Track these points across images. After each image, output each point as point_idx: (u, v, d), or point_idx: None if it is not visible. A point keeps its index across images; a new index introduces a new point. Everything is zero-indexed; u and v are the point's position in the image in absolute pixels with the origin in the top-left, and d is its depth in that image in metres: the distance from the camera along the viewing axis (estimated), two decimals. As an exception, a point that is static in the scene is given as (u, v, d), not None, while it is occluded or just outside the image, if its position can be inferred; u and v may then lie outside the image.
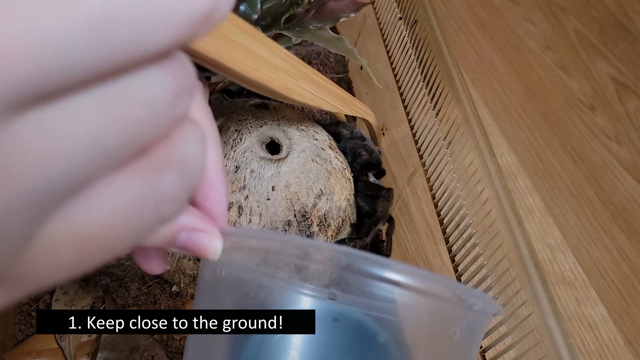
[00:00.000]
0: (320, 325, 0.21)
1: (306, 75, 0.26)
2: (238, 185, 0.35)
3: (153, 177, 0.13)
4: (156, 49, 0.11)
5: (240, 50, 0.18)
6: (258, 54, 0.20)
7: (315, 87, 0.28)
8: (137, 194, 0.13)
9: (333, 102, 0.33)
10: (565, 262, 0.51)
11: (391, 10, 0.44)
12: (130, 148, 0.12)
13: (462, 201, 0.33)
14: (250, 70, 0.19)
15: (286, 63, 0.23)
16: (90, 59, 0.10)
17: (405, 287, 0.19)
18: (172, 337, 0.37)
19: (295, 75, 0.24)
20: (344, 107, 0.35)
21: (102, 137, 0.11)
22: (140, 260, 0.22)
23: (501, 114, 0.64)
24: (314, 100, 0.28)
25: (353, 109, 0.37)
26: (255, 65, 0.20)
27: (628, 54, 0.74)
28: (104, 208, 0.12)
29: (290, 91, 0.24)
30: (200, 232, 0.19)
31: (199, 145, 0.15)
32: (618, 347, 0.46)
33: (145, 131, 0.12)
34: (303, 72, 0.25)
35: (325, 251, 0.19)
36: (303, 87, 0.26)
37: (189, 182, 0.14)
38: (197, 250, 0.19)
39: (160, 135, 0.13)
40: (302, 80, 0.25)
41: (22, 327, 0.36)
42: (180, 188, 0.14)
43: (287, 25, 0.36)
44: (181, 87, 0.13)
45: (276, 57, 0.22)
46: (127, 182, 0.12)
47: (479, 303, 0.21)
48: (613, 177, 0.59)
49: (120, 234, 0.13)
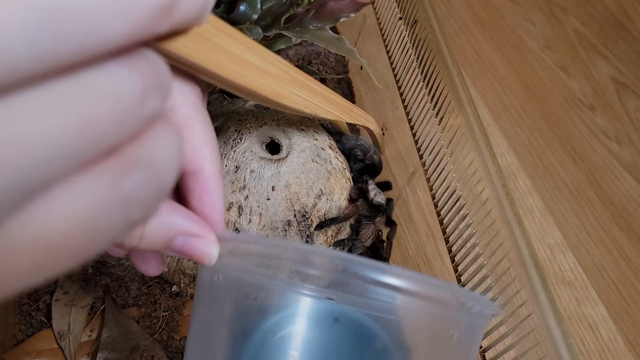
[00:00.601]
0: (320, 325, 0.21)
1: (299, 80, 0.25)
2: (238, 185, 0.35)
3: (118, 179, 0.12)
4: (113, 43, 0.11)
5: (225, 55, 0.18)
6: (245, 59, 0.19)
7: (309, 93, 0.27)
8: (101, 197, 0.12)
9: (330, 109, 0.31)
10: (565, 262, 0.51)
11: (391, 10, 0.44)
12: (94, 148, 0.11)
13: (462, 201, 0.33)
14: (237, 75, 0.19)
15: (276, 68, 0.22)
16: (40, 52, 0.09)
17: (403, 292, 0.19)
18: (172, 337, 0.37)
19: (286, 80, 0.23)
20: (343, 114, 0.34)
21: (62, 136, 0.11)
22: (137, 262, 0.22)
23: (501, 114, 0.64)
24: (309, 107, 0.27)
25: (352, 116, 0.36)
26: (242, 70, 0.19)
27: (628, 54, 0.74)
28: (65, 211, 0.11)
29: (282, 97, 0.23)
30: (196, 237, 0.19)
31: (172, 148, 0.14)
32: (618, 347, 0.46)
33: (110, 131, 0.12)
34: (295, 77, 0.25)
35: (324, 257, 0.19)
36: (296, 93, 0.25)
37: (159, 185, 0.14)
38: (193, 255, 0.19)
39: (128, 136, 0.13)
40: (294, 86, 0.24)
41: (22, 327, 0.36)
42: (149, 191, 0.13)
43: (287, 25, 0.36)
44: (149, 85, 0.12)
45: (265, 62, 0.21)
46: (91, 184, 0.12)
47: (477, 305, 0.21)
48: (613, 177, 0.59)
49: (84, 238, 0.12)
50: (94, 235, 0.12)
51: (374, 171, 0.44)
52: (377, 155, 0.44)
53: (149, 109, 0.13)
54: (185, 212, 0.19)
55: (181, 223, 0.18)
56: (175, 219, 0.18)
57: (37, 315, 0.37)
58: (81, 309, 0.37)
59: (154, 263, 0.22)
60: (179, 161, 0.15)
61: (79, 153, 0.11)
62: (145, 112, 0.13)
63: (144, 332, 0.36)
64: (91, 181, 0.12)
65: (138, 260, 0.22)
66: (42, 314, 0.37)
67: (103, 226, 0.12)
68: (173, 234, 0.18)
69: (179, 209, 0.19)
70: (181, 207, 0.19)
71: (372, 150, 0.43)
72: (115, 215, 0.13)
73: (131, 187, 0.13)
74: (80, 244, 0.12)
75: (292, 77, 0.24)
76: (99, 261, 0.39)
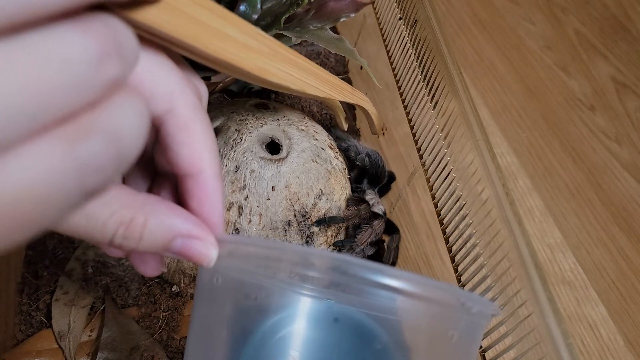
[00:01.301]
0: (320, 325, 0.21)
1: (284, 56, 0.24)
2: (238, 185, 0.35)
3: (73, 145, 0.12)
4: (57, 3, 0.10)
5: (201, 27, 0.17)
6: (223, 32, 0.19)
7: (296, 69, 0.26)
8: (54, 163, 0.12)
9: (320, 86, 0.30)
10: (565, 262, 0.51)
11: (391, 10, 0.44)
12: (45, 113, 0.11)
13: (462, 201, 0.33)
14: (215, 49, 0.18)
15: (258, 42, 0.21)
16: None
17: (403, 293, 0.19)
18: (172, 337, 0.37)
19: (270, 55, 0.22)
20: (333, 92, 0.33)
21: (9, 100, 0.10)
22: (137, 263, 0.22)
23: (501, 114, 0.64)
24: (296, 83, 0.26)
25: (344, 95, 0.35)
26: (220, 43, 0.19)
27: (628, 54, 0.74)
28: (16, 177, 0.11)
29: (266, 72, 0.22)
30: (195, 239, 0.19)
31: (135, 117, 0.14)
32: (618, 347, 0.46)
33: (62, 96, 0.11)
34: (280, 53, 0.24)
35: (323, 259, 0.19)
36: (281, 68, 0.24)
37: (119, 154, 0.13)
38: (192, 257, 0.19)
39: (85, 102, 0.12)
40: (279, 62, 0.23)
41: (22, 327, 0.36)
42: (107, 159, 0.13)
43: (287, 25, 0.36)
44: (105, 50, 0.12)
45: (245, 36, 0.20)
46: (44, 150, 0.12)
47: (477, 306, 0.21)
48: (613, 177, 0.59)
49: (37, 206, 0.12)
50: (48, 203, 0.12)
51: (374, 178, 0.42)
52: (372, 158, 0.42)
53: (106, 74, 0.12)
54: (185, 213, 0.19)
55: (180, 225, 0.18)
56: (174, 220, 0.18)
57: (37, 315, 0.37)
58: (81, 309, 0.37)
59: (153, 264, 0.22)
60: (142, 131, 0.14)
61: (28, 118, 0.11)
62: (103, 78, 0.12)
63: (144, 332, 0.36)
64: (44, 147, 0.12)
65: (137, 261, 0.22)
66: (42, 314, 0.37)
67: (58, 193, 0.12)
68: (172, 236, 0.18)
69: (178, 210, 0.19)
70: (180, 209, 0.19)
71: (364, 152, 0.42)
72: (70, 182, 0.12)
73: (87, 154, 0.12)
74: (35, 211, 0.12)
75: (277, 53, 0.23)
76: (99, 261, 0.39)
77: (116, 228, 0.16)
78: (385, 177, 0.42)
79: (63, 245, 0.40)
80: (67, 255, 0.39)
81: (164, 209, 0.18)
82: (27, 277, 0.38)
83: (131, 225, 0.17)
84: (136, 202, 0.17)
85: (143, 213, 0.17)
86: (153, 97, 0.17)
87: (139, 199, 0.17)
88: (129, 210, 0.17)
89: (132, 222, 0.17)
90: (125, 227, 0.17)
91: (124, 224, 0.17)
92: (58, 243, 0.40)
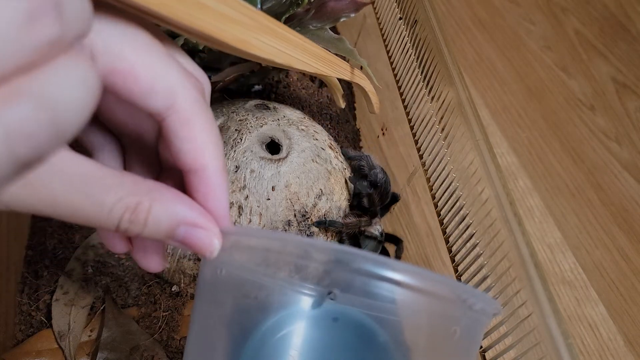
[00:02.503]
0: (320, 325, 0.21)
1: (268, 28, 0.22)
2: (238, 185, 0.35)
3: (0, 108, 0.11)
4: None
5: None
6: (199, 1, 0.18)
7: (282, 42, 0.24)
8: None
9: (309, 60, 0.28)
10: (565, 262, 0.51)
11: (391, 10, 0.44)
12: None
13: (462, 201, 0.33)
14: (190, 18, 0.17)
15: (239, 13, 0.20)
16: None
17: (405, 286, 0.19)
18: (172, 337, 0.37)
19: (252, 27, 0.21)
20: (325, 67, 0.31)
21: None
22: (139, 257, 0.22)
23: (501, 114, 0.64)
24: (282, 57, 0.24)
25: (337, 71, 0.33)
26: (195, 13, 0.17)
27: (628, 54, 0.74)
28: None
29: (247, 44, 0.21)
30: (199, 228, 0.19)
31: (77, 83, 0.13)
32: (618, 347, 0.46)
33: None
34: (264, 24, 0.22)
35: (325, 250, 0.19)
36: (264, 41, 0.22)
37: (53, 121, 0.13)
38: (195, 247, 0.19)
39: (13, 65, 0.11)
40: (262, 34, 0.22)
41: (22, 327, 0.36)
42: (39, 124, 0.12)
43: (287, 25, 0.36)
44: (38, 8, 0.11)
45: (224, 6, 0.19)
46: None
47: (479, 303, 0.21)
48: (613, 177, 0.59)
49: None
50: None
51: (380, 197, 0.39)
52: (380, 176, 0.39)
53: (39, 36, 0.12)
54: (190, 202, 0.19)
55: (185, 213, 0.18)
56: (179, 208, 0.18)
57: (37, 315, 0.37)
58: (81, 309, 0.37)
59: (155, 257, 0.22)
60: (85, 99, 0.13)
61: None
62: (34, 40, 0.11)
63: (144, 332, 0.36)
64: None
65: (139, 255, 0.22)
66: (42, 314, 0.37)
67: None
68: (176, 223, 0.18)
69: (184, 198, 0.19)
70: (185, 197, 0.19)
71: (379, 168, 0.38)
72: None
73: (14, 119, 0.12)
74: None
75: (260, 24, 0.22)
76: (99, 261, 0.39)
77: (122, 213, 0.17)
78: (388, 198, 0.40)
79: (63, 245, 0.40)
80: (67, 255, 0.39)
81: (170, 196, 0.18)
82: (27, 277, 0.38)
83: (137, 210, 0.17)
84: (142, 188, 0.17)
85: (149, 199, 0.17)
86: (153, 93, 0.17)
87: (145, 185, 0.17)
88: (135, 196, 0.17)
89: (138, 207, 0.17)
90: (131, 211, 0.17)
91: (130, 209, 0.17)
92: (58, 243, 0.40)
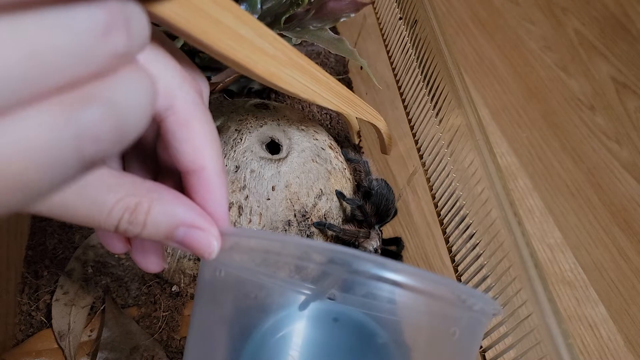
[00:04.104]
0: (320, 325, 0.21)
1: (299, 65, 0.24)
2: (238, 185, 0.35)
3: (72, 111, 0.12)
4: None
5: (215, 25, 0.17)
6: (238, 33, 0.19)
7: (310, 79, 0.26)
8: (53, 127, 0.12)
9: (331, 98, 0.31)
10: (565, 262, 0.51)
11: (391, 10, 0.44)
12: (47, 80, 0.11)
13: (462, 201, 0.33)
14: (227, 48, 0.18)
15: (273, 48, 0.21)
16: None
17: (404, 287, 0.19)
18: (172, 337, 0.37)
19: (284, 62, 0.23)
20: (345, 105, 0.33)
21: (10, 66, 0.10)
22: (138, 257, 0.22)
23: (501, 114, 0.64)
24: (307, 92, 0.26)
25: (357, 110, 0.35)
26: (234, 44, 0.19)
27: (628, 54, 0.74)
28: (13, 139, 0.11)
29: (277, 78, 0.22)
30: (198, 229, 0.19)
31: (139, 94, 0.14)
32: (618, 347, 0.46)
33: (65, 64, 0.11)
34: (295, 61, 0.24)
35: (324, 251, 0.19)
36: (293, 76, 0.24)
37: (118, 125, 0.13)
38: (194, 248, 0.19)
39: (88, 71, 0.12)
40: (293, 69, 0.24)
41: (22, 327, 0.36)
42: (105, 129, 0.13)
43: (287, 25, 0.36)
44: (112, 21, 0.12)
45: (261, 40, 0.20)
46: (43, 114, 0.12)
47: (479, 303, 0.21)
48: (613, 177, 0.59)
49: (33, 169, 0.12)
50: (45, 166, 0.12)
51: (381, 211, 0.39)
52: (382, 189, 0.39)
53: (111, 46, 0.12)
54: (189, 203, 0.19)
55: (184, 214, 0.18)
56: (178, 209, 0.18)
57: (37, 315, 0.37)
58: (81, 309, 0.37)
59: (154, 258, 0.22)
60: (145, 109, 0.14)
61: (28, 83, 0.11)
62: (107, 49, 0.12)
63: (144, 332, 0.36)
64: (43, 111, 0.12)
65: (138, 256, 0.22)
66: (42, 314, 0.37)
67: (55, 157, 0.12)
68: (175, 224, 0.18)
69: (183, 199, 0.19)
70: (185, 198, 0.19)
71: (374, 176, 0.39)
72: (67, 148, 0.12)
73: (85, 121, 0.12)
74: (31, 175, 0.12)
75: (292, 60, 0.23)
76: (99, 261, 0.39)
77: (121, 214, 0.17)
78: (391, 214, 0.40)
79: (63, 245, 0.40)
80: (67, 255, 0.39)
81: (169, 197, 0.18)
82: (27, 277, 0.38)
83: (136, 210, 0.17)
84: (142, 189, 0.17)
85: (148, 199, 0.17)
86: None
87: (145, 186, 0.18)
88: (134, 196, 0.17)
89: (137, 208, 0.17)
90: (130, 212, 0.17)
91: (129, 209, 0.17)
92: (58, 243, 0.40)
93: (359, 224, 0.38)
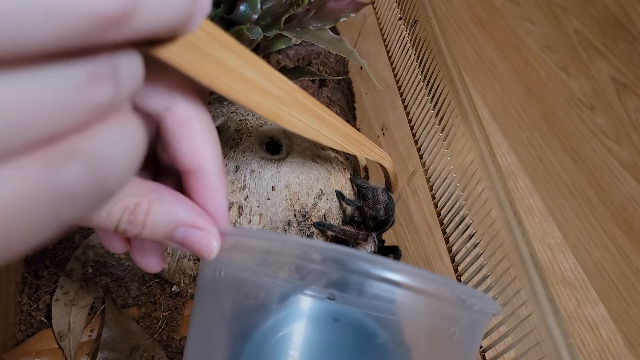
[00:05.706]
0: (320, 325, 0.21)
1: (304, 105, 0.24)
2: (238, 185, 0.35)
3: (50, 169, 0.11)
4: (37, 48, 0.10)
5: (217, 67, 0.17)
6: (240, 73, 0.18)
7: (315, 119, 0.25)
8: (28, 186, 0.11)
9: (337, 139, 0.29)
10: (565, 262, 0.51)
11: (391, 10, 0.44)
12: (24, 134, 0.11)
13: (462, 201, 0.33)
14: (229, 89, 0.18)
15: (278, 88, 0.21)
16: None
17: (404, 287, 0.19)
18: (172, 337, 0.37)
19: (288, 103, 0.22)
20: (352, 146, 0.32)
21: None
22: (137, 257, 0.22)
23: (501, 114, 0.64)
24: (310, 133, 0.26)
25: (364, 151, 0.34)
26: (236, 85, 0.18)
27: (628, 54, 0.74)
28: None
29: (279, 118, 0.22)
30: (198, 229, 0.19)
31: (126, 146, 0.13)
32: (618, 347, 0.46)
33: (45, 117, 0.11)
34: (300, 102, 0.23)
35: (324, 251, 0.19)
36: (297, 117, 0.23)
37: (99, 182, 0.12)
38: (194, 248, 0.19)
39: (69, 125, 0.11)
40: (297, 110, 0.23)
41: (22, 327, 0.36)
42: (85, 186, 0.12)
43: (287, 25, 0.36)
44: (97, 73, 0.12)
45: (265, 81, 0.20)
46: (18, 172, 0.11)
47: (479, 303, 0.21)
48: (613, 177, 0.59)
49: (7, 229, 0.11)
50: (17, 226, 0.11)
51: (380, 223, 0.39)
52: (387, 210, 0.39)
53: (95, 98, 0.12)
54: (189, 203, 0.19)
55: (183, 214, 0.18)
56: (178, 209, 0.18)
57: (37, 315, 0.37)
58: (81, 309, 0.37)
59: (154, 258, 0.22)
60: (131, 161, 0.13)
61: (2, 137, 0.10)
62: (91, 102, 0.12)
63: (144, 332, 0.36)
64: (19, 169, 0.11)
65: (138, 256, 0.22)
66: (42, 314, 0.37)
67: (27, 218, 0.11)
68: (175, 224, 0.18)
69: (182, 199, 0.19)
70: (184, 198, 0.19)
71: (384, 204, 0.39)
72: (42, 208, 0.11)
73: (65, 178, 0.12)
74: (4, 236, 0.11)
75: (296, 101, 0.23)
76: (99, 261, 0.39)
77: (121, 214, 0.17)
78: (388, 223, 0.40)
79: (63, 245, 0.40)
80: (67, 255, 0.39)
81: (169, 197, 0.18)
82: (27, 277, 0.38)
83: (136, 210, 0.17)
84: (141, 189, 0.17)
85: (147, 199, 0.17)
86: (152, 94, 0.17)
87: (144, 186, 0.18)
88: (134, 196, 0.17)
89: (137, 208, 0.17)
90: (130, 212, 0.17)
91: (128, 209, 0.17)
92: (58, 243, 0.40)
93: (358, 226, 0.39)
